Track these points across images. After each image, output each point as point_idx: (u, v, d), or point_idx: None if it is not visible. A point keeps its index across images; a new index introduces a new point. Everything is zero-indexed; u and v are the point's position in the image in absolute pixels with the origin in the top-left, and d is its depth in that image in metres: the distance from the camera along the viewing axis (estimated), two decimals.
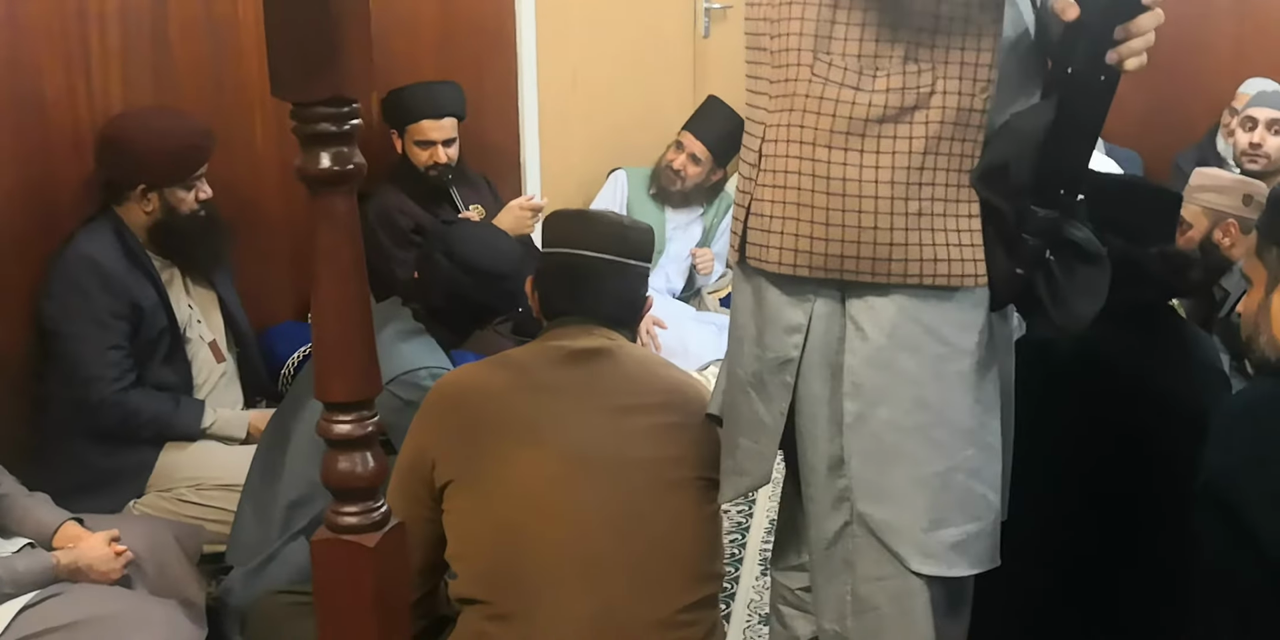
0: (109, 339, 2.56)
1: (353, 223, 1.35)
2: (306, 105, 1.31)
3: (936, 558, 1.53)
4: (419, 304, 2.40)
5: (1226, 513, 1.55)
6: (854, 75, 1.49)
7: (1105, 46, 1.50)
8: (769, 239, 1.55)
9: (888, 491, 1.52)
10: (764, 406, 1.60)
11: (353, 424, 1.38)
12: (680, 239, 4.15)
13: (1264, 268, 1.67)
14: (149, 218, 2.67)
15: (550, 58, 4.05)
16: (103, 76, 2.82)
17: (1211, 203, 2.89)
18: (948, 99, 1.48)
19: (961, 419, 1.53)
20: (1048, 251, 1.55)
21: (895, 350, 1.51)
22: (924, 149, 1.49)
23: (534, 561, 1.66)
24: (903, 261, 1.50)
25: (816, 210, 1.51)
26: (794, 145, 1.52)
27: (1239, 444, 1.56)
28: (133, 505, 2.62)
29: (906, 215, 1.50)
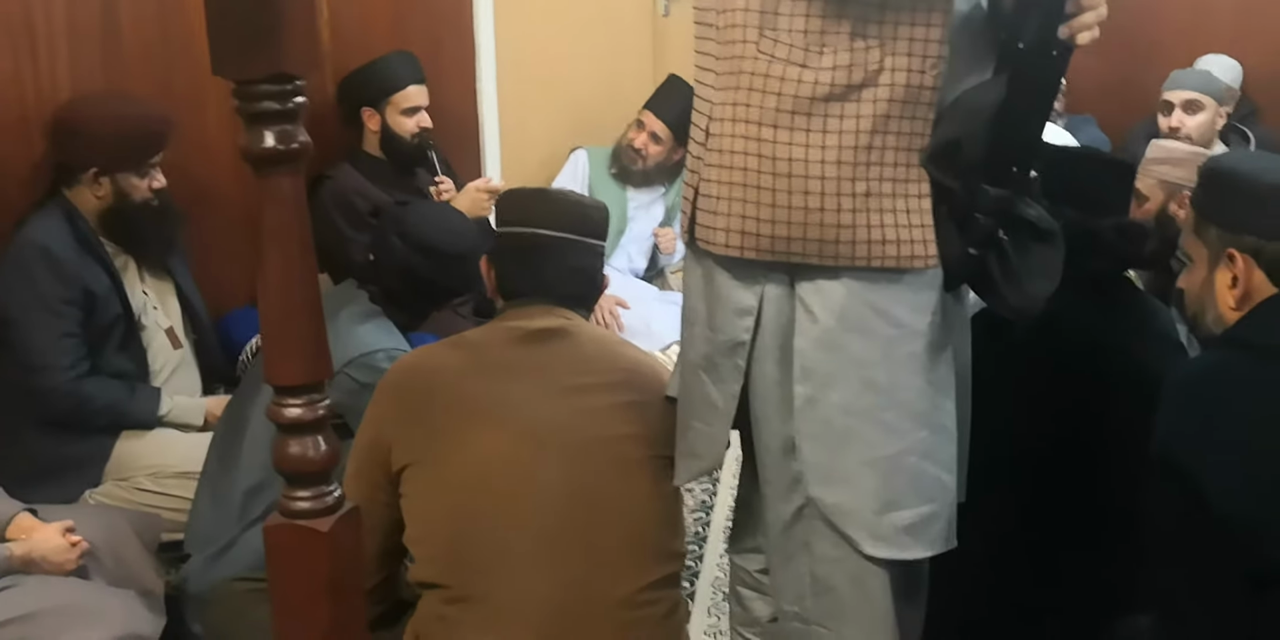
0: (61, 326, 2.52)
1: (300, 202, 1.33)
2: (249, 83, 1.28)
3: (888, 540, 1.52)
4: (375, 286, 2.38)
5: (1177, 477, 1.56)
6: (800, 52, 1.46)
7: (1057, 20, 1.50)
8: (716, 221, 1.53)
9: (838, 475, 1.52)
10: (716, 389, 1.59)
11: (303, 408, 1.36)
12: (642, 218, 4.13)
13: (1204, 246, 1.69)
14: (100, 203, 2.62)
15: (509, 38, 4.01)
16: (49, 58, 2.77)
17: (1166, 175, 2.90)
18: (896, 76, 1.46)
19: (913, 401, 1.52)
20: (1000, 231, 1.54)
21: (845, 332, 1.50)
22: (872, 128, 1.47)
23: (492, 543, 1.65)
24: (850, 243, 1.48)
25: (763, 191, 1.49)
26: (740, 124, 1.50)
27: (1188, 410, 1.57)
28: (89, 494, 2.59)
29: (854, 196, 1.48)
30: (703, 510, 2.92)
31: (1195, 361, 1.68)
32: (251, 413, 2.24)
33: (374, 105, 3.39)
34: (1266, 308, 1.62)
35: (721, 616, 2.52)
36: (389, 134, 3.39)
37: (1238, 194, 1.64)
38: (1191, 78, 3.78)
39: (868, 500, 1.51)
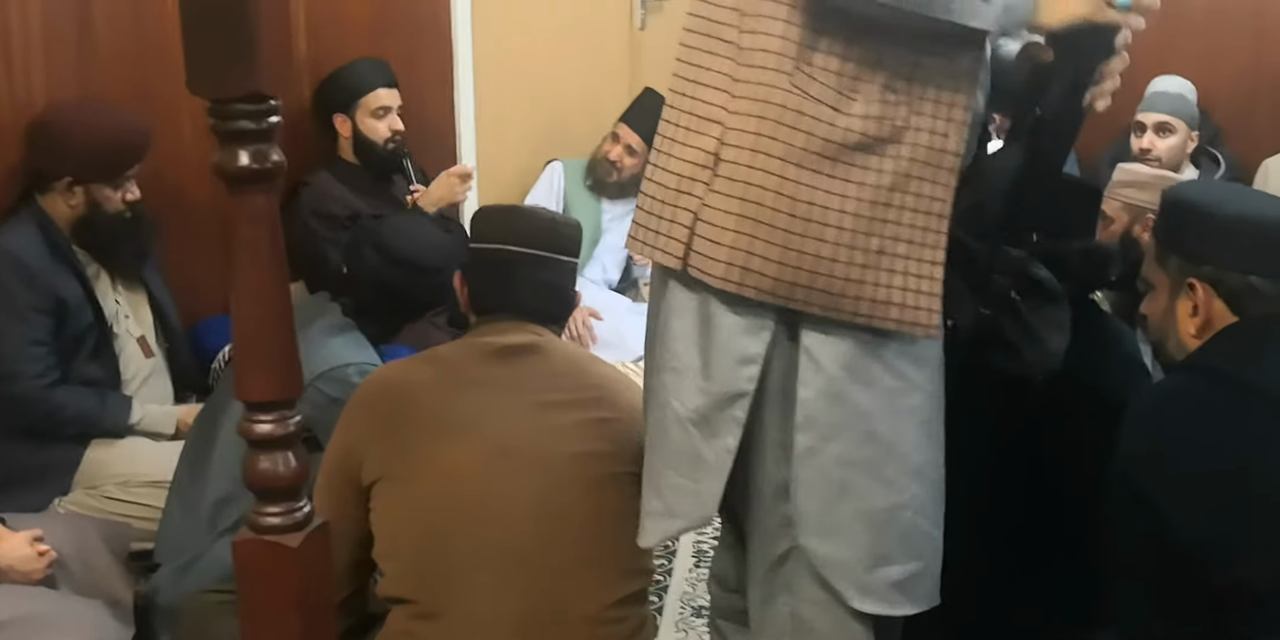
0: (31, 334, 2.52)
1: (272, 220, 1.34)
2: (224, 102, 1.29)
3: (878, 595, 1.51)
4: (348, 299, 2.38)
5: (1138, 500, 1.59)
6: (833, 93, 1.42)
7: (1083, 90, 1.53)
8: (718, 251, 1.45)
9: (832, 526, 1.49)
10: (707, 444, 1.50)
11: (274, 424, 1.37)
12: (616, 230, 4.14)
13: (1165, 275, 1.72)
14: (73, 212, 2.62)
15: (486, 50, 4.03)
16: (24, 66, 2.77)
17: (1131, 198, 2.94)
18: (919, 136, 1.44)
19: (910, 454, 1.51)
20: (1013, 292, 1.55)
21: (851, 383, 1.47)
22: (892, 184, 1.44)
23: (460, 559, 1.66)
24: (854, 299, 1.45)
25: (775, 231, 1.43)
26: (762, 156, 1.43)
27: (1148, 435, 1.60)
28: (58, 502, 2.58)
29: (867, 251, 1.44)
30: None
31: (1156, 387, 1.71)
32: (223, 423, 2.24)
33: (345, 110, 3.40)
34: (1226, 336, 1.65)
35: (689, 631, 2.54)
36: (361, 139, 3.40)
37: (1198, 225, 1.68)
38: (1165, 101, 3.83)
39: (859, 554, 1.49)
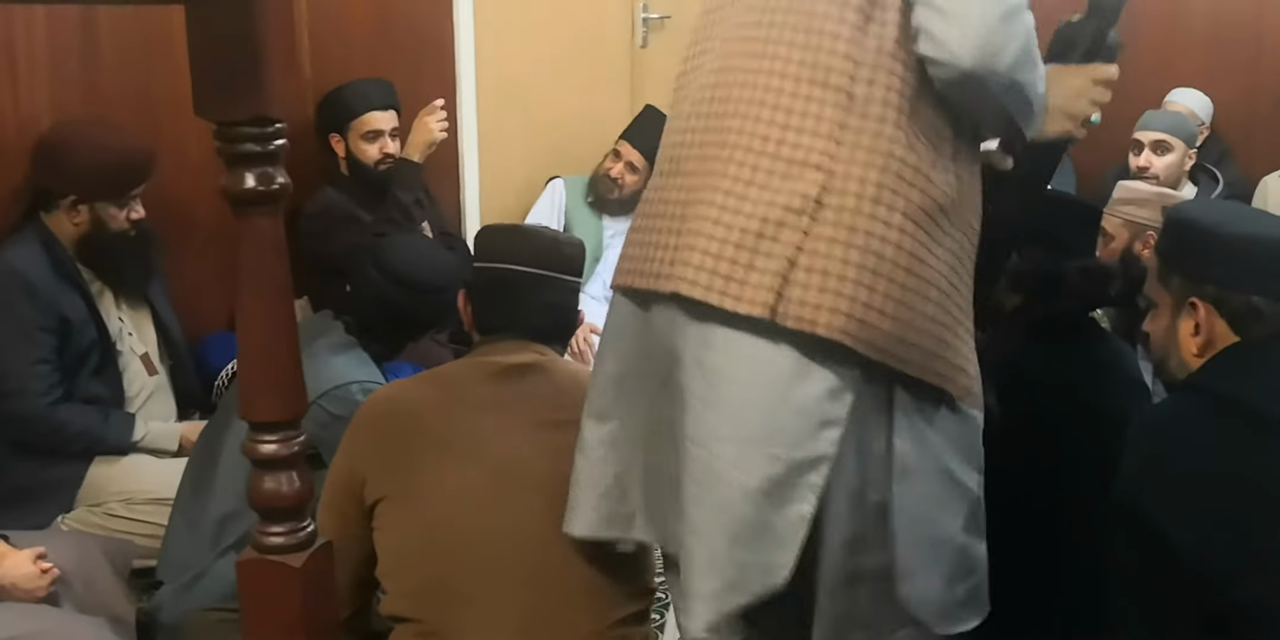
0: (35, 352, 2.53)
1: (278, 242, 1.35)
2: (230, 125, 1.31)
3: (952, 617, 1.55)
4: (351, 317, 2.38)
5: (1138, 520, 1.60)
6: (931, 153, 1.45)
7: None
8: (837, 301, 1.39)
9: (917, 565, 1.51)
10: (777, 513, 1.42)
11: (278, 444, 1.38)
12: (618, 246, 4.12)
13: (1168, 294, 1.72)
14: (77, 230, 2.63)
15: (488, 67, 4.05)
16: (29, 85, 2.79)
17: (1132, 215, 2.96)
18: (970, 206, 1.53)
19: (972, 483, 1.56)
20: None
21: (928, 428, 1.49)
22: (959, 251, 1.50)
23: (463, 578, 1.66)
24: (943, 360, 1.47)
25: (894, 285, 1.41)
26: (884, 209, 1.41)
27: (1149, 456, 1.61)
28: (62, 519, 2.59)
29: (951, 315, 1.48)
30: None
31: (1157, 408, 1.71)
32: (226, 440, 2.24)
33: (339, 131, 3.41)
34: (1227, 355, 1.66)
35: None
36: (353, 160, 3.41)
37: (1200, 244, 1.68)
38: (1162, 119, 3.86)
39: (939, 583, 1.52)
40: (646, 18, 4.72)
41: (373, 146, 3.39)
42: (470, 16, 3.95)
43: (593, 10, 4.52)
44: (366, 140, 3.39)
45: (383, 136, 3.39)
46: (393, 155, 3.40)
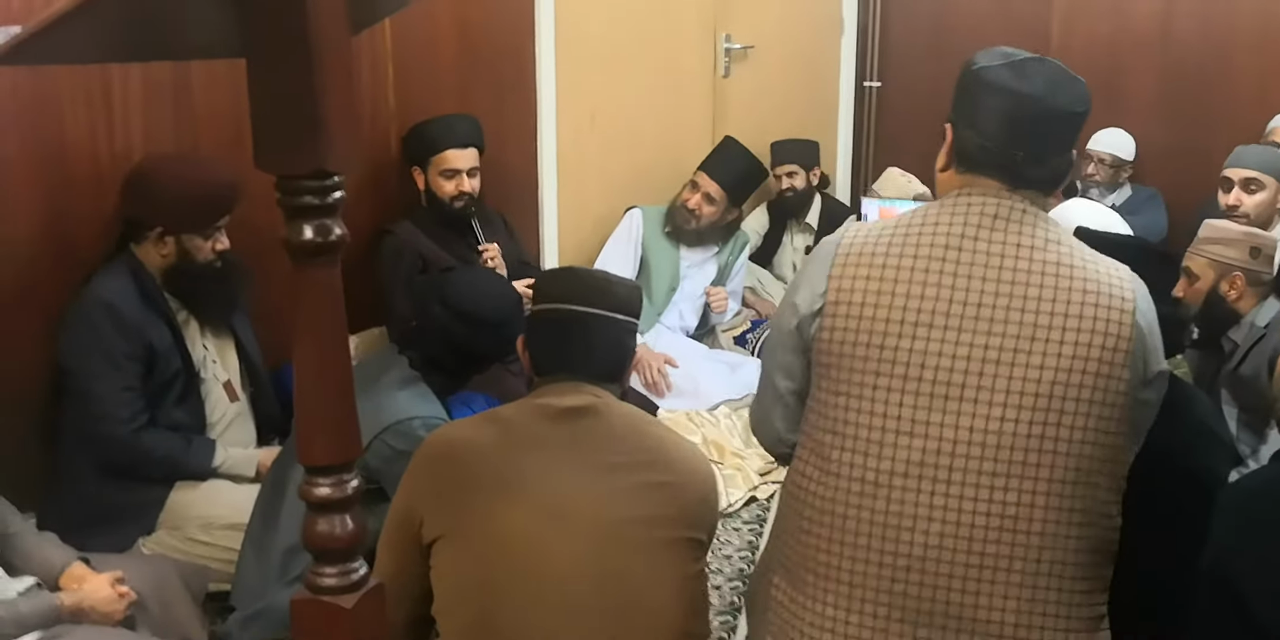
0: (123, 379, 2.61)
1: (335, 293, 1.39)
2: (290, 178, 1.34)
3: None
4: (415, 352, 2.41)
5: (1222, 587, 1.56)
6: None
7: None
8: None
9: None
10: None
11: (332, 487, 1.41)
12: (695, 277, 4.17)
13: None
14: (164, 261, 2.71)
15: (569, 96, 4.10)
16: (123, 118, 2.88)
17: (1218, 255, 2.88)
18: None
19: None
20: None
21: None
22: None
23: (516, 619, 1.68)
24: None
25: None
26: None
27: (1244, 529, 1.56)
28: (142, 542, 2.66)
29: None
30: (740, 579, 2.92)
31: (1251, 478, 1.65)
32: (292, 474, 2.29)
33: (420, 164, 3.47)
34: None
35: None
36: (431, 194, 3.46)
37: None
38: (1253, 156, 3.76)
39: None
40: (729, 48, 4.74)
41: (450, 183, 3.44)
42: (552, 47, 4.00)
43: (675, 40, 4.55)
44: (444, 177, 3.44)
45: (460, 175, 3.43)
46: (469, 193, 3.44)
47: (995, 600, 1.60)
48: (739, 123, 4.72)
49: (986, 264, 1.65)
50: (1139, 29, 4.88)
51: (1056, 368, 1.61)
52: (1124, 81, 4.93)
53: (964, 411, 1.61)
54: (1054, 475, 1.60)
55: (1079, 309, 1.63)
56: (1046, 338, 1.62)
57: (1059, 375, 1.61)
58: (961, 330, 1.63)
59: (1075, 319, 1.62)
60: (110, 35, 1.37)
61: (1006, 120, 1.69)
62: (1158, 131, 4.81)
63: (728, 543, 3.09)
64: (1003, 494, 1.60)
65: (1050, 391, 1.60)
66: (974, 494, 1.60)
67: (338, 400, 1.40)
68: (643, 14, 4.35)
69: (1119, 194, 4.68)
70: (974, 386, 1.61)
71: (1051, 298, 1.63)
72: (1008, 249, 1.66)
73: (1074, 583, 1.63)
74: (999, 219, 1.68)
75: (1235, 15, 4.69)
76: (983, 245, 1.67)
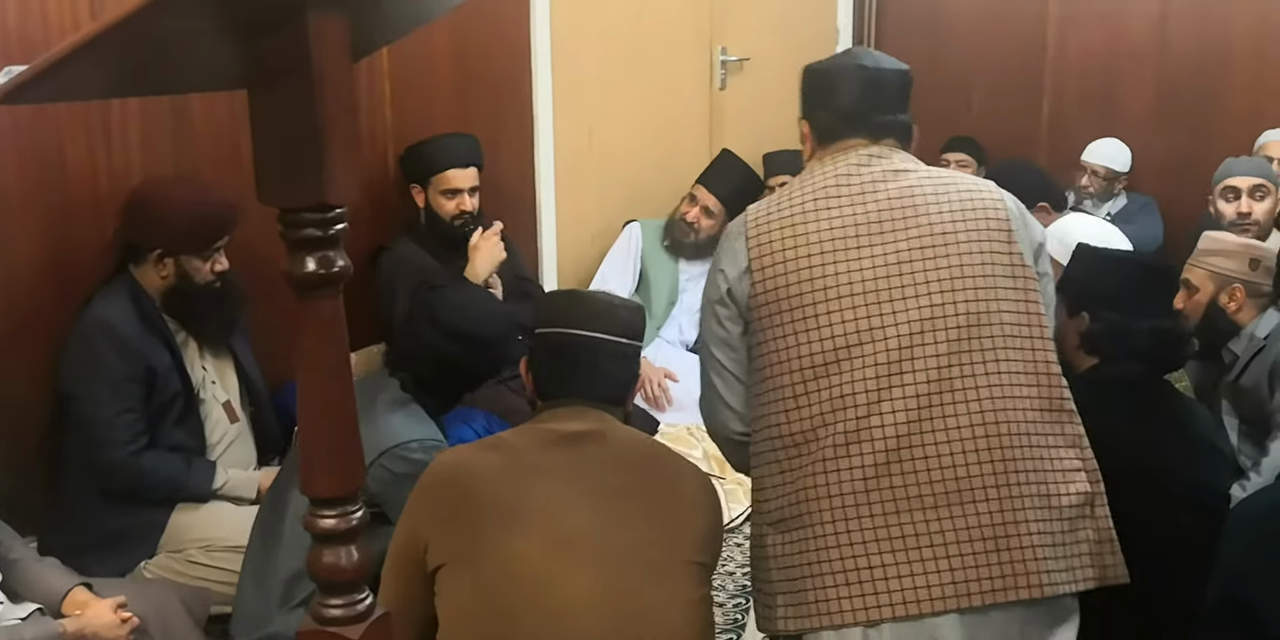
0: (122, 402, 2.61)
1: (338, 324, 1.39)
2: (292, 211, 1.34)
3: None
4: (406, 373, 2.39)
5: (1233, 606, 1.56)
6: None
7: None
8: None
9: None
10: None
11: (337, 519, 1.41)
12: (693, 290, 4.16)
13: None
14: (164, 282, 2.71)
15: (566, 111, 4.10)
16: (122, 142, 2.89)
17: (1218, 266, 2.88)
18: None
19: None
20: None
21: None
22: None
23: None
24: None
25: None
26: None
27: (1256, 550, 1.56)
28: (144, 566, 2.66)
29: None
30: (743, 595, 2.92)
31: (1260, 497, 1.65)
32: (290, 500, 2.27)
33: (420, 183, 3.48)
34: None
35: None
36: (431, 213, 3.47)
37: None
38: (1250, 165, 3.77)
39: None
40: (725, 60, 4.75)
41: (450, 203, 3.44)
42: (548, 62, 4.01)
43: (671, 54, 4.55)
44: (445, 196, 3.44)
45: (461, 194, 3.44)
46: (469, 212, 3.44)
47: (971, 468, 1.73)
48: (736, 135, 4.73)
49: (874, 190, 1.88)
50: (1134, 40, 4.90)
51: (960, 252, 1.82)
52: (1120, 92, 4.94)
53: (898, 309, 1.79)
54: (985, 345, 1.78)
55: (959, 204, 1.86)
56: (944, 230, 1.83)
57: (965, 258, 1.81)
58: (871, 245, 1.83)
59: (960, 212, 1.85)
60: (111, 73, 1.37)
61: (851, 87, 1.99)
62: (1153, 141, 4.82)
63: (730, 559, 3.08)
64: (949, 371, 1.76)
65: (963, 273, 1.80)
66: (925, 377, 1.76)
67: (342, 431, 1.40)
68: (638, 28, 4.36)
69: (1114, 203, 4.69)
70: (899, 285, 1.80)
71: (935, 200, 1.86)
72: (888, 175, 1.90)
73: (1036, 439, 1.76)
74: (872, 157, 1.94)
75: (1230, 26, 4.70)
76: (866, 173, 1.91)
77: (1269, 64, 4.64)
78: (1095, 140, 4.74)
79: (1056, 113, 5.10)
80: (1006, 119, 5.15)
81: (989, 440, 1.73)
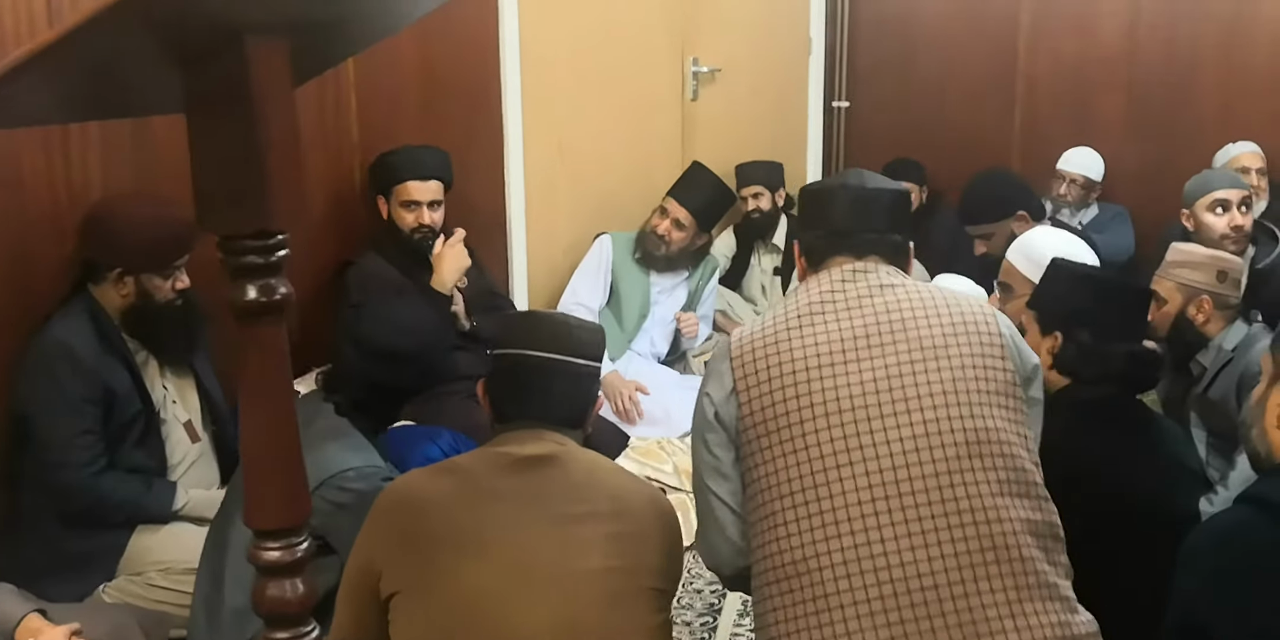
0: (81, 423, 2.56)
1: (280, 351, 1.36)
2: (232, 238, 1.32)
3: None
4: (339, 396, 2.30)
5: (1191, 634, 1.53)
6: None
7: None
8: None
9: None
10: None
11: (282, 550, 1.39)
12: (665, 303, 4.15)
13: (1272, 363, 1.65)
14: (124, 301, 2.66)
15: (536, 123, 4.08)
16: (81, 158, 2.84)
17: (1186, 278, 2.88)
18: None
19: None
20: None
21: None
22: None
23: None
24: None
25: None
26: None
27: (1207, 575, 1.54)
28: (103, 589, 2.61)
29: None
30: (710, 614, 2.89)
31: (1215, 522, 1.62)
32: (231, 536, 2.19)
33: (384, 194, 3.46)
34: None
35: None
36: (392, 225, 3.44)
37: None
38: (1228, 177, 3.79)
39: None
40: (697, 71, 4.74)
41: (410, 215, 3.42)
42: (517, 73, 3.98)
43: (642, 65, 4.54)
44: (405, 208, 3.42)
45: (420, 207, 3.41)
46: (429, 226, 3.42)
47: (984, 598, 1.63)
48: (709, 146, 4.72)
49: (860, 305, 1.82)
50: (1105, 47, 4.91)
51: (952, 367, 1.75)
52: (1091, 100, 4.95)
53: (888, 426, 1.71)
54: (986, 464, 1.70)
55: (949, 318, 1.80)
56: (933, 345, 1.77)
57: (958, 373, 1.75)
58: (860, 360, 1.76)
59: (951, 326, 1.79)
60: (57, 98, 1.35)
61: (836, 206, 1.94)
62: (1125, 149, 4.83)
63: (699, 576, 3.06)
64: (951, 492, 1.67)
65: (955, 387, 1.73)
66: (924, 499, 1.66)
67: (285, 464, 1.38)
68: (609, 39, 4.34)
69: (1086, 213, 4.69)
70: (889, 402, 1.72)
71: (925, 315, 1.80)
72: (874, 290, 1.84)
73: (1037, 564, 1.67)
74: (858, 272, 1.87)
75: (1199, 32, 4.72)
76: (852, 290, 1.84)
77: (1237, 70, 4.66)
78: (1069, 148, 4.75)
79: (1029, 120, 5.12)
80: (979, 127, 5.16)
81: (1000, 567, 1.64)
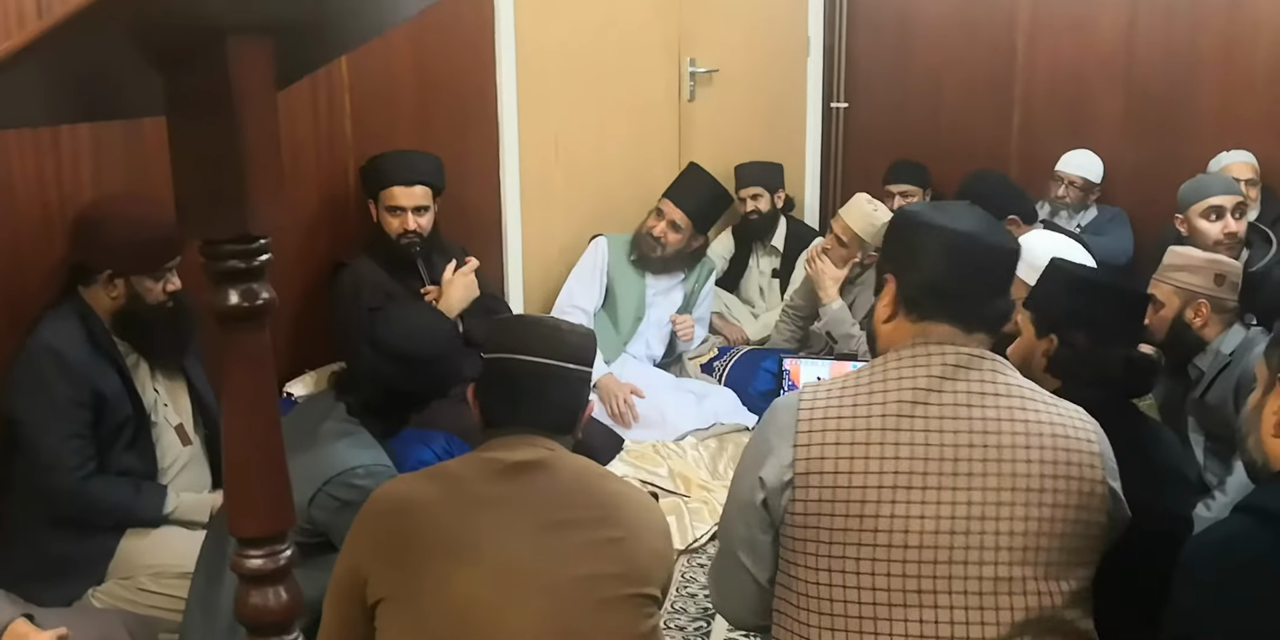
0: (70, 427, 2.54)
1: (263, 357, 1.35)
2: (214, 243, 1.30)
3: None
4: (351, 397, 2.33)
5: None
6: None
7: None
8: None
9: None
10: None
11: (264, 559, 1.37)
12: (661, 305, 4.13)
13: (1267, 369, 1.64)
14: (114, 303, 2.65)
15: (532, 125, 4.07)
16: (72, 159, 2.83)
17: (1183, 282, 2.87)
18: None
19: None
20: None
21: None
22: None
23: None
24: None
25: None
26: None
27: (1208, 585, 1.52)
28: (92, 593, 2.59)
29: None
30: (704, 618, 2.88)
31: (1213, 533, 1.60)
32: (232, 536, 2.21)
33: (373, 198, 3.45)
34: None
35: None
36: (380, 228, 3.43)
37: None
38: (1223, 182, 3.77)
39: None
40: (694, 72, 4.72)
41: (395, 220, 3.41)
42: (513, 74, 3.97)
43: (639, 66, 4.52)
44: (390, 213, 3.41)
45: (404, 213, 3.40)
46: (415, 231, 3.40)
47: None
48: (705, 147, 4.70)
49: (955, 416, 1.61)
50: (1103, 47, 4.89)
51: (1040, 517, 1.58)
52: (1090, 100, 4.93)
53: (954, 575, 1.56)
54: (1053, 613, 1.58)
55: (1051, 454, 1.61)
56: (1026, 487, 1.58)
57: (1044, 525, 1.58)
58: (941, 489, 1.58)
59: (1052, 465, 1.60)
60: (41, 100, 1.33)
61: (951, 257, 1.68)
62: (1124, 150, 4.82)
63: (693, 581, 3.04)
64: None
65: (1037, 544, 1.58)
66: None
67: (268, 471, 1.36)
68: (605, 40, 4.32)
69: (1084, 214, 4.68)
70: (963, 547, 1.56)
71: (1025, 444, 1.60)
72: (973, 399, 1.62)
73: None
74: (960, 368, 1.64)
75: (1198, 33, 4.70)
76: (949, 397, 1.62)
77: (1236, 71, 4.65)
78: (1068, 149, 4.73)
79: (1027, 122, 5.10)
80: (977, 128, 5.14)
81: None
